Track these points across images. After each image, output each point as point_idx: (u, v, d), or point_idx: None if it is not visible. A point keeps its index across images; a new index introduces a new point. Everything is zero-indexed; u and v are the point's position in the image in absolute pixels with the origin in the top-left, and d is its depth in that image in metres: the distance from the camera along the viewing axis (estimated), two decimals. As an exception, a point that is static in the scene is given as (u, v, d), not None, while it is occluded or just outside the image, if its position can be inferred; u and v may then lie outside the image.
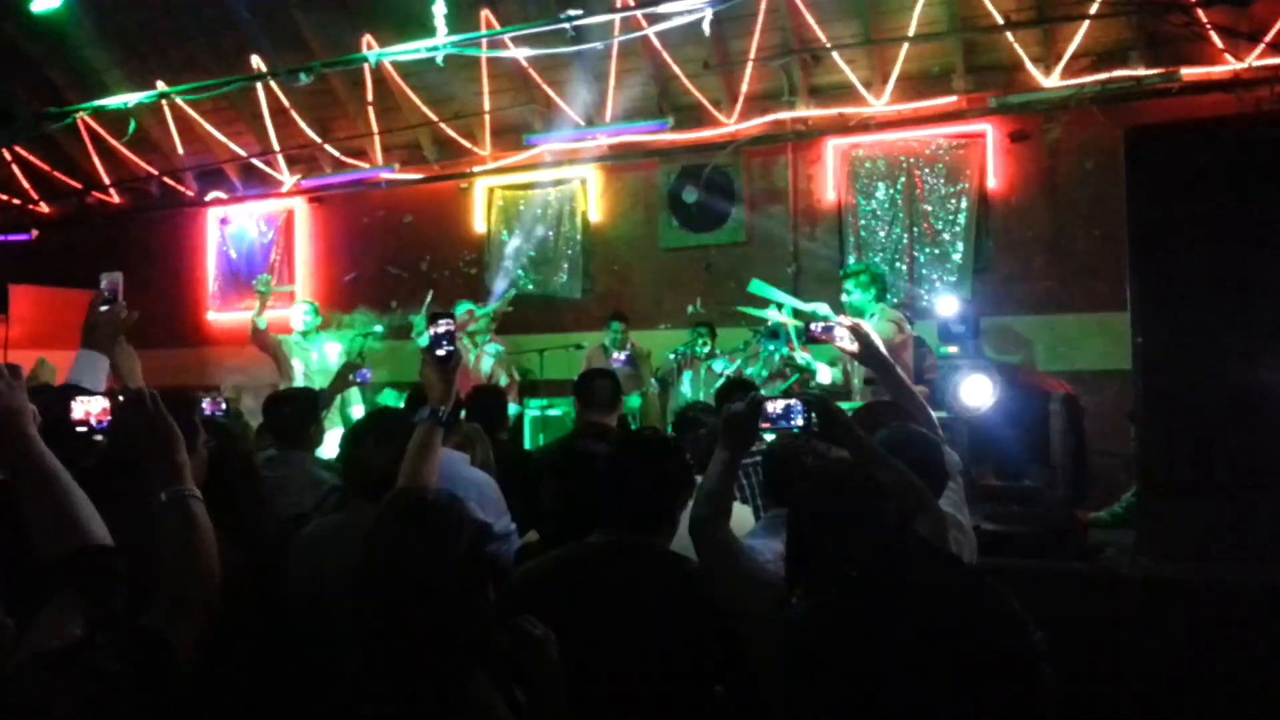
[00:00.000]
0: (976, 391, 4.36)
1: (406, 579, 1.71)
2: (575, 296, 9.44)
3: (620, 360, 7.52)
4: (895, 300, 7.14)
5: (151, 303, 9.91)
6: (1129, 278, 3.64)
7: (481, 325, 7.47)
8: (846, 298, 5.74)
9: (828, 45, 8.00)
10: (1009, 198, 8.01)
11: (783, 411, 2.39)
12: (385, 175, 9.92)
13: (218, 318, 10.96)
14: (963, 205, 8.05)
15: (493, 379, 7.32)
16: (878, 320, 5.43)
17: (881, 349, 2.94)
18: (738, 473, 2.70)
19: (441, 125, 9.33)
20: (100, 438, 1.87)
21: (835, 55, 8.04)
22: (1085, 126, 7.59)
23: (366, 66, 8.61)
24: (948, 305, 5.45)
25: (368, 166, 9.99)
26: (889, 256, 8.21)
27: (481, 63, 8.61)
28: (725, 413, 2.45)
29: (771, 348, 6.16)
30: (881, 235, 8.31)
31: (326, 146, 9.93)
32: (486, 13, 8.21)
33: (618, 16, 7.00)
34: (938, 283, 8.01)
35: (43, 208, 11.46)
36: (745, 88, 8.45)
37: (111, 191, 11.08)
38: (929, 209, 8.15)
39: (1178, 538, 3.44)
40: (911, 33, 7.72)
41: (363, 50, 8.01)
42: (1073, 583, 3.39)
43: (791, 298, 6.09)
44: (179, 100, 9.01)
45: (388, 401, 6.81)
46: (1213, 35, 6.80)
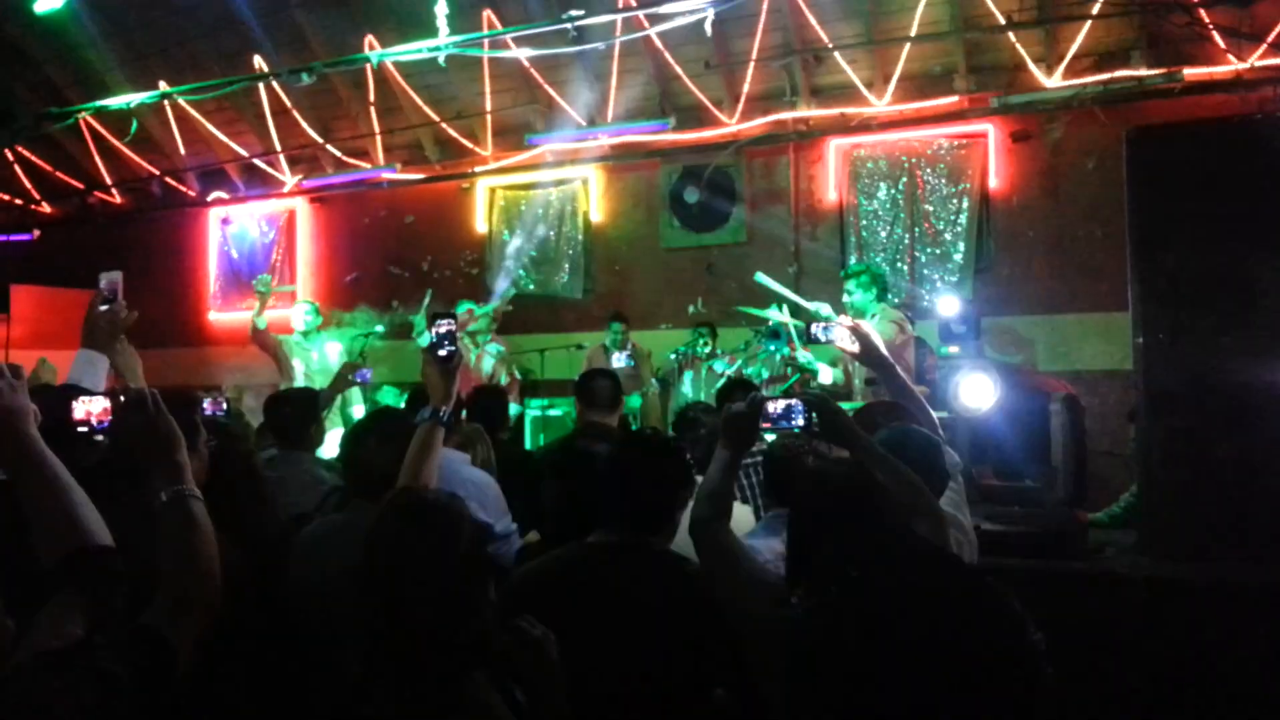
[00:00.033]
0: (977, 391, 4.35)
1: (407, 579, 1.71)
2: (576, 296, 9.44)
3: (621, 360, 7.52)
4: (896, 300, 7.14)
5: (153, 303, 9.92)
6: (1130, 278, 3.63)
7: (482, 325, 7.47)
8: (848, 298, 5.74)
9: (829, 45, 8.00)
10: (1011, 198, 8.01)
11: (783, 411, 2.39)
12: (387, 175, 9.92)
13: (219, 318, 10.97)
14: (964, 205, 8.04)
15: (494, 378, 7.32)
16: (879, 320, 5.43)
17: (882, 349, 2.94)
18: (738, 473, 2.70)
19: (443, 125, 9.33)
20: (101, 438, 1.87)
21: (837, 55, 8.03)
22: (1087, 127, 7.59)
23: (368, 67, 8.61)
24: (949, 305, 5.44)
25: (369, 167, 9.99)
26: (890, 256, 8.21)
27: (483, 63, 8.61)
28: (726, 412, 2.45)
29: (772, 348, 6.16)
30: (883, 235, 8.30)
31: (328, 146, 9.93)
32: (488, 13, 8.21)
33: (619, 16, 7.00)
34: (939, 283, 8.01)
35: (44, 208, 11.47)
36: (747, 88, 8.45)
37: (113, 191, 11.10)
38: (930, 209, 8.14)
39: (1178, 538, 3.44)
40: (913, 33, 7.72)
41: (365, 50, 8.01)
42: (1073, 583, 3.38)
43: (794, 294, 6.10)
44: (181, 100, 9.01)
45: (387, 399, 6.81)
46: (1215, 35, 6.79)
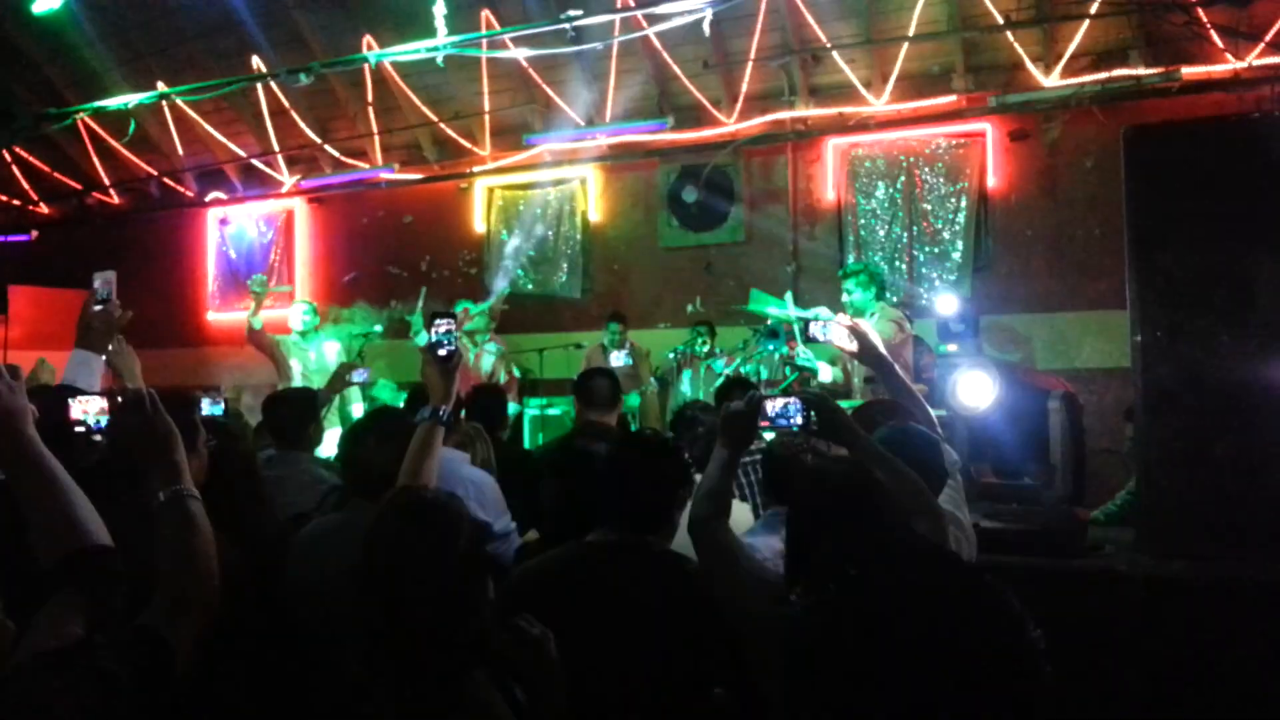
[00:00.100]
0: (976, 390, 4.35)
1: (406, 578, 1.71)
2: (575, 296, 9.44)
3: (620, 360, 7.52)
4: (895, 299, 7.14)
5: (151, 303, 9.91)
6: (1128, 276, 3.63)
7: (480, 324, 7.46)
8: (846, 297, 5.75)
9: (827, 45, 8.00)
10: (1009, 197, 8.01)
11: (782, 410, 2.39)
12: (385, 175, 9.92)
13: (217, 318, 10.96)
14: (962, 204, 8.04)
15: (493, 376, 7.32)
16: (877, 319, 5.44)
17: (880, 348, 2.94)
18: (737, 471, 2.70)
19: (441, 125, 9.33)
20: (99, 438, 1.87)
21: (835, 55, 8.03)
22: (1085, 126, 7.59)
23: (366, 67, 8.61)
24: (947, 304, 5.43)
25: (367, 167, 9.98)
26: (889, 255, 8.21)
27: (481, 63, 8.61)
28: (724, 411, 2.45)
29: (771, 347, 6.16)
30: (881, 234, 8.31)
31: (326, 147, 9.93)
32: (486, 13, 8.21)
33: (618, 16, 7.00)
34: (937, 281, 8.01)
35: (43, 208, 11.46)
36: (745, 87, 8.45)
37: (111, 192, 11.08)
38: (929, 208, 8.15)
39: (1176, 535, 3.44)
40: (911, 32, 7.72)
41: (363, 51, 8.01)
42: (1072, 580, 3.39)
43: (791, 307, 6.05)
44: (179, 101, 9.00)
45: (384, 394, 6.80)
46: (1213, 34, 6.80)
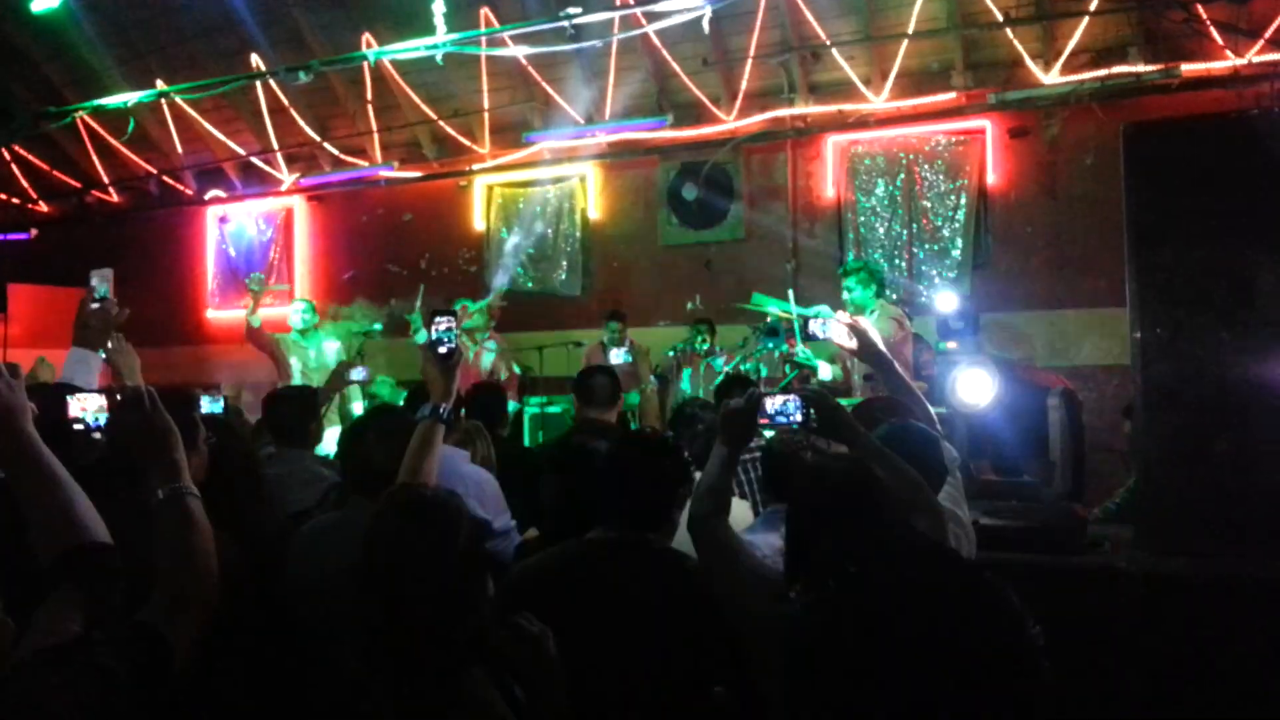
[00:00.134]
0: (975, 387, 4.35)
1: (405, 575, 1.71)
2: (575, 294, 9.44)
3: (619, 357, 7.51)
4: (894, 296, 7.14)
5: (151, 301, 9.92)
6: (1128, 273, 3.63)
7: (479, 322, 7.46)
8: (846, 295, 5.74)
9: (827, 42, 7.99)
10: (1008, 194, 8.01)
11: (781, 407, 2.39)
12: (384, 173, 9.91)
13: (217, 316, 10.96)
14: (962, 201, 8.04)
15: (495, 374, 7.32)
16: (877, 317, 5.43)
17: (880, 345, 2.95)
18: (736, 469, 2.70)
19: (441, 123, 9.32)
20: (98, 435, 1.87)
21: (835, 52, 8.03)
22: (1084, 123, 7.59)
23: (366, 65, 8.60)
24: (947, 301, 5.43)
25: (367, 165, 9.98)
26: (888, 253, 8.21)
27: (481, 61, 8.60)
28: (724, 409, 2.45)
29: (770, 345, 6.15)
30: (881, 232, 8.31)
31: (325, 145, 9.92)
32: (486, 11, 8.20)
33: (617, 14, 6.99)
34: (937, 279, 8.01)
35: (42, 207, 11.46)
36: (744, 85, 8.45)
37: (111, 190, 11.08)
38: (928, 205, 8.14)
39: (1175, 533, 3.44)
40: (911, 29, 7.72)
41: (362, 49, 8.01)
42: (1071, 578, 3.38)
43: (792, 306, 6.01)
44: (178, 99, 9.00)
45: (383, 390, 6.78)
46: (1212, 31, 6.80)
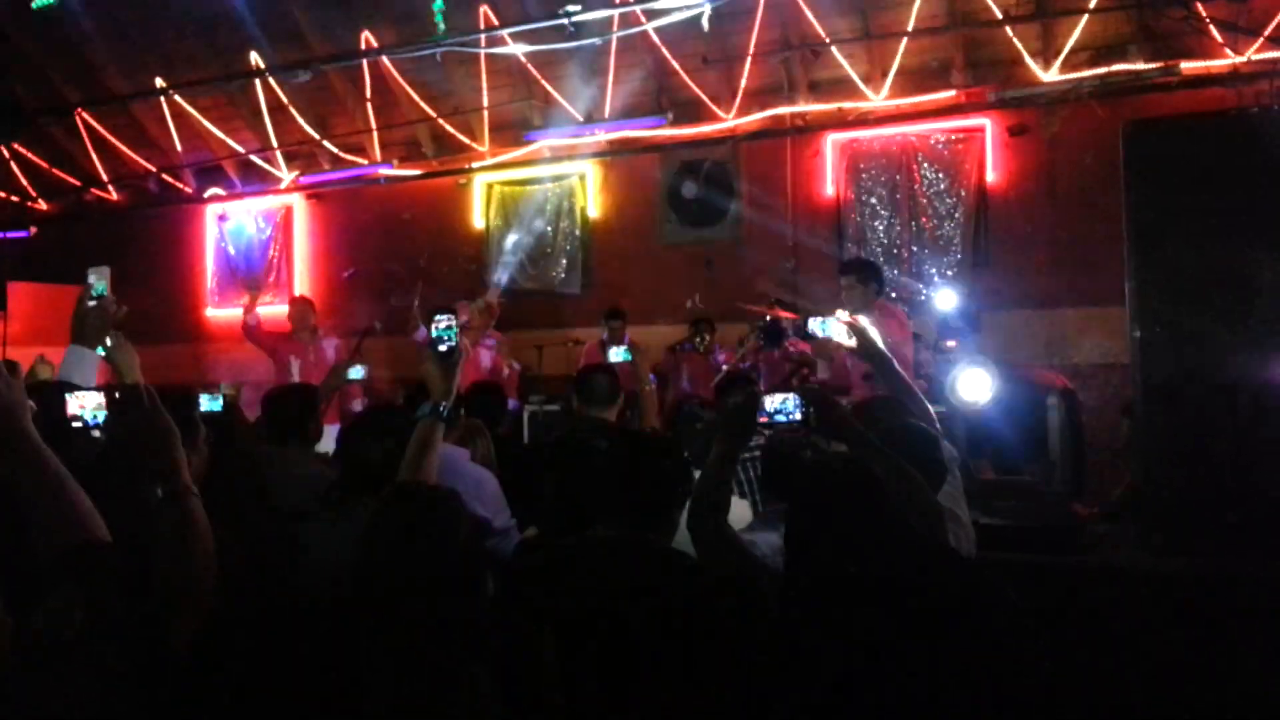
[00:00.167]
0: (974, 386, 4.35)
1: (404, 573, 1.71)
2: (574, 292, 9.43)
3: (618, 355, 7.51)
4: (894, 295, 7.14)
5: (150, 299, 9.91)
6: (1127, 271, 3.64)
7: (477, 320, 7.46)
8: (845, 293, 5.73)
9: (827, 40, 7.99)
10: (1008, 192, 8.00)
11: (781, 406, 2.40)
12: (384, 171, 9.90)
13: (216, 314, 10.95)
14: (961, 199, 8.04)
15: (496, 369, 7.32)
16: (877, 316, 5.42)
17: (879, 344, 2.95)
18: (736, 467, 2.70)
19: (440, 121, 9.31)
20: (97, 433, 1.88)
21: (834, 50, 8.02)
22: (1084, 121, 7.58)
23: (365, 63, 8.59)
24: (946, 299, 5.44)
25: (366, 163, 9.96)
26: (888, 251, 8.21)
27: (480, 59, 8.59)
28: (724, 407, 2.45)
29: (770, 343, 6.16)
30: (880, 230, 8.30)
31: (325, 143, 9.91)
32: (485, 9, 8.20)
33: (616, 12, 6.99)
34: (936, 277, 8.01)
35: (41, 205, 11.44)
36: (744, 83, 8.44)
37: (110, 188, 11.07)
38: (928, 203, 8.14)
39: (1175, 531, 3.45)
40: (910, 27, 7.72)
41: (361, 46, 8.00)
42: (1070, 576, 3.39)
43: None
44: (177, 97, 9.00)
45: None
46: (1212, 29, 6.79)
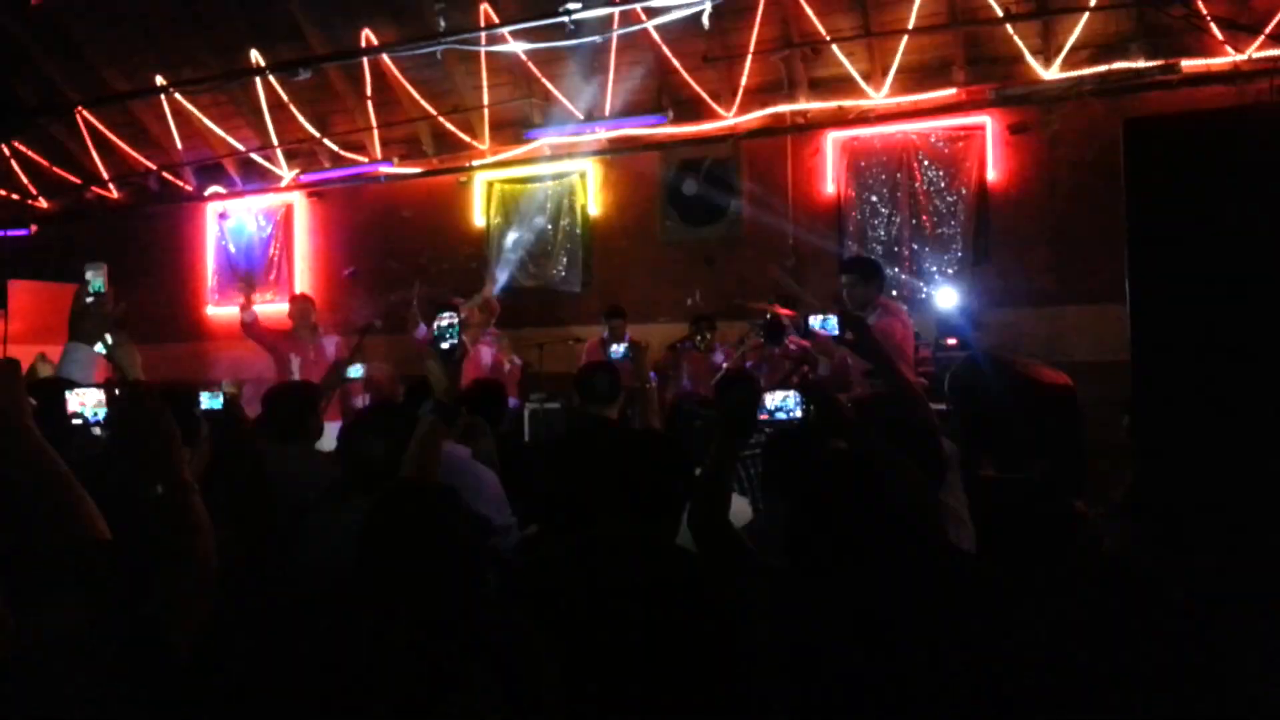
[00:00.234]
0: (973, 383, 4.35)
1: (404, 571, 1.72)
2: (574, 290, 9.43)
3: (619, 353, 7.51)
4: (894, 293, 7.14)
5: (151, 297, 9.95)
6: (1128, 269, 3.63)
7: (478, 318, 7.45)
8: (845, 291, 5.73)
9: (827, 38, 7.99)
10: (1008, 190, 8.00)
11: (781, 403, 2.40)
12: (384, 169, 9.90)
13: (217, 312, 10.95)
14: (962, 197, 8.04)
15: (498, 366, 7.32)
16: (877, 314, 5.42)
17: (879, 342, 2.95)
18: (736, 464, 2.71)
19: (440, 119, 9.31)
20: (97, 430, 1.88)
21: (835, 48, 8.02)
22: (1085, 118, 7.58)
23: (365, 61, 8.59)
24: (947, 297, 5.45)
25: (366, 161, 9.96)
26: (888, 249, 8.21)
27: (481, 57, 8.60)
28: (724, 405, 2.45)
29: (770, 341, 6.16)
30: (881, 228, 8.30)
31: (325, 141, 9.91)
32: (486, 7, 8.20)
33: (617, 10, 6.99)
34: (937, 275, 8.01)
35: (41, 203, 11.45)
36: (744, 81, 8.44)
37: (110, 186, 11.07)
38: (928, 201, 8.14)
39: (1175, 530, 3.45)
40: (911, 25, 7.72)
41: (361, 44, 8.00)
42: (1071, 574, 3.39)
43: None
44: (177, 95, 8.99)
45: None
46: (1212, 27, 6.80)
